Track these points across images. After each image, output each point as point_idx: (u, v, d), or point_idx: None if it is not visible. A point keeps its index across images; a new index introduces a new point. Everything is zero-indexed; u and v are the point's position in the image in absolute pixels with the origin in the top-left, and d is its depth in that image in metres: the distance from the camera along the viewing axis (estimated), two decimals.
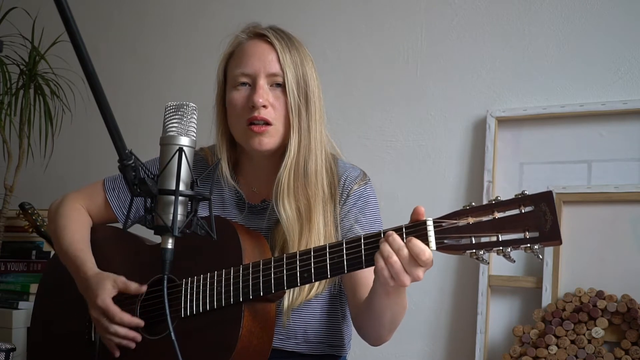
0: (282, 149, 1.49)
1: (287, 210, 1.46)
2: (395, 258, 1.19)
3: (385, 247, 1.20)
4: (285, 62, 1.46)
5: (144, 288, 1.47)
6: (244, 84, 1.48)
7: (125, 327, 1.43)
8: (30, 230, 2.66)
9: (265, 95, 1.46)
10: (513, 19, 2.36)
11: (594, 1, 2.25)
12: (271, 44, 1.48)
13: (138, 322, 1.44)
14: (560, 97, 2.26)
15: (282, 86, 1.47)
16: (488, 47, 2.38)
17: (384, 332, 1.44)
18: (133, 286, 1.47)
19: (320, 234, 1.47)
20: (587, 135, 2.21)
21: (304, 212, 1.47)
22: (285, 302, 1.46)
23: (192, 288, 1.41)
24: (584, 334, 2.06)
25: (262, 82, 1.46)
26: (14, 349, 1.84)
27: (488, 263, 1.21)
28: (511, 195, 1.16)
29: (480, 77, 2.39)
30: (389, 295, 1.30)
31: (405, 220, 1.26)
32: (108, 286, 1.45)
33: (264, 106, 1.45)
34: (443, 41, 2.46)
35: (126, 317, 1.43)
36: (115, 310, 1.43)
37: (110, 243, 1.67)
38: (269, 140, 1.47)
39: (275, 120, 1.47)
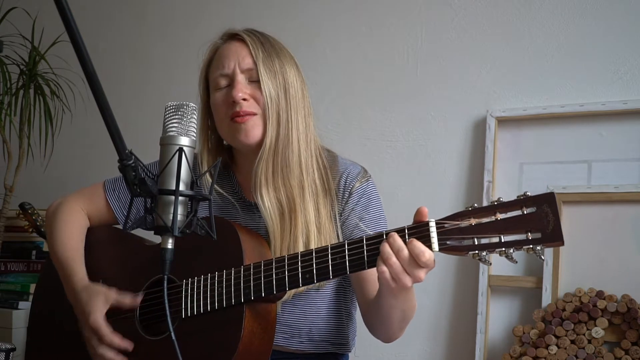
0: None
1: (265, 201, 1.45)
2: (394, 259, 1.19)
3: (385, 248, 1.20)
4: (258, 54, 1.47)
5: (139, 299, 1.47)
6: (224, 85, 1.50)
7: (114, 351, 1.44)
8: (30, 230, 2.66)
9: (244, 89, 1.47)
10: (513, 19, 2.36)
11: (594, 1, 2.25)
12: (243, 41, 1.49)
13: (127, 345, 1.45)
14: (560, 97, 2.26)
15: (259, 80, 1.47)
16: (488, 47, 2.38)
17: (394, 330, 1.44)
18: (127, 299, 1.46)
19: (310, 225, 1.45)
20: (587, 135, 2.21)
21: (285, 203, 1.46)
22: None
23: (192, 289, 1.41)
24: (584, 334, 2.06)
25: (240, 78, 1.47)
26: (13, 349, 1.84)
27: (490, 264, 1.21)
28: (511, 195, 1.17)
29: (480, 77, 2.39)
30: (395, 295, 1.30)
31: (405, 220, 1.26)
32: (99, 303, 1.46)
33: (245, 99, 1.46)
34: (443, 41, 2.46)
35: (116, 340, 1.44)
36: (106, 331, 1.44)
37: (108, 243, 1.66)
38: (253, 130, 1.47)
39: (258, 111, 1.47)
